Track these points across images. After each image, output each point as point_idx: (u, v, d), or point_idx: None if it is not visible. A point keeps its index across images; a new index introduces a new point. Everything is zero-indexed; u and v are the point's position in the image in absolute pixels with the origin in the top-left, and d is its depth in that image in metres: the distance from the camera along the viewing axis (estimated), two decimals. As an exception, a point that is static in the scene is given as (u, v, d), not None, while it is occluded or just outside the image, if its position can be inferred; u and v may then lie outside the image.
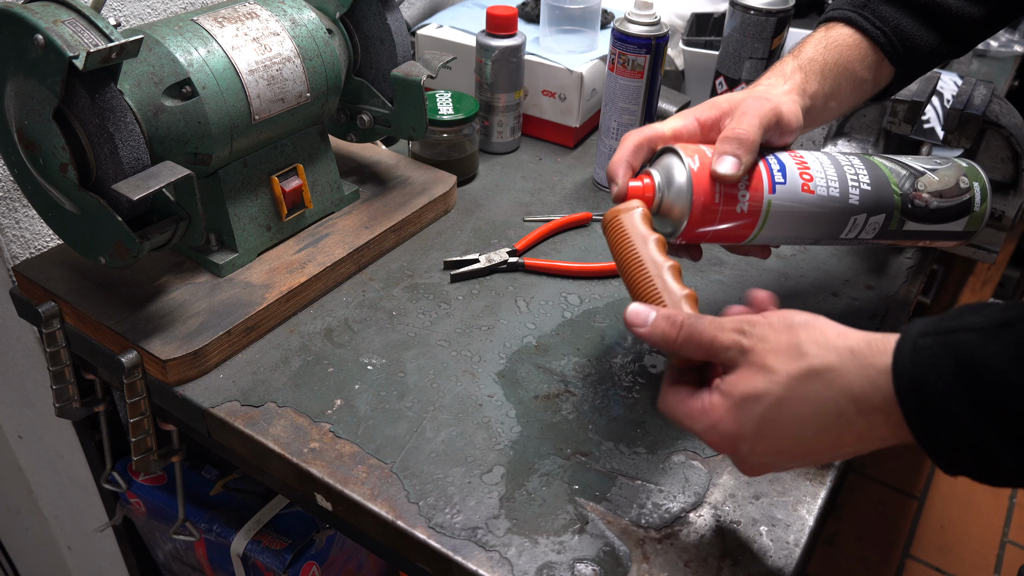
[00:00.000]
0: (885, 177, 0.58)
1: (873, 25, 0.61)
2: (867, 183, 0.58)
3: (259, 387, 0.62)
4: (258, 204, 0.70)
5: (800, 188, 0.56)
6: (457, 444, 0.58)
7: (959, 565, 1.62)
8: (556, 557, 0.51)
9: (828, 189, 0.56)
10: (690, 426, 0.47)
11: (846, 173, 0.57)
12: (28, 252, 0.76)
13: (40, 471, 0.95)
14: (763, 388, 0.43)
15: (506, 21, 0.87)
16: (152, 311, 0.65)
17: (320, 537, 0.82)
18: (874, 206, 0.58)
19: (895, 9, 0.61)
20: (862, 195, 0.57)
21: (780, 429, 0.44)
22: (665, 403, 0.49)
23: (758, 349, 0.44)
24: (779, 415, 0.43)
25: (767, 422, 0.44)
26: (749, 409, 0.44)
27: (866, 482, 1.77)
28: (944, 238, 0.63)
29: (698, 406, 0.47)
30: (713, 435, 0.46)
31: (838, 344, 0.42)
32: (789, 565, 0.51)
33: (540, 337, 0.68)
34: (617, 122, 0.84)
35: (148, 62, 0.59)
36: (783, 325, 0.45)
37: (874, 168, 0.59)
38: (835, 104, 0.61)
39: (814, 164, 0.57)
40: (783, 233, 0.58)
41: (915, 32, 0.61)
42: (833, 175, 0.57)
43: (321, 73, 0.69)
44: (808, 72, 0.59)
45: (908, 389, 0.39)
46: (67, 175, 0.55)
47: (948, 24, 0.62)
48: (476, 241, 0.79)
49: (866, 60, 0.61)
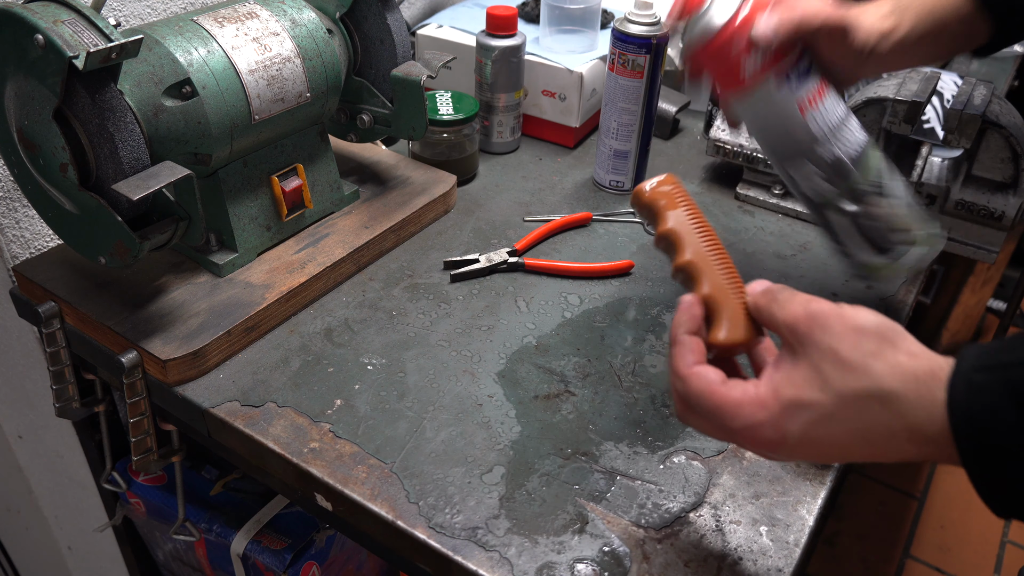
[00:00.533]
0: (865, 165, 0.60)
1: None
2: (846, 152, 0.60)
3: (259, 387, 0.62)
4: (258, 204, 0.70)
5: (796, 104, 0.59)
6: (457, 444, 0.58)
7: (959, 565, 1.62)
8: (556, 557, 0.51)
9: (815, 123, 0.59)
10: (721, 421, 0.43)
11: (842, 131, 0.60)
12: (28, 252, 0.76)
13: (40, 471, 0.95)
14: (815, 399, 0.40)
15: (506, 21, 0.87)
16: (152, 311, 0.65)
17: (320, 537, 0.82)
18: (831, 174, 0.60)
19: None
20: (833, 159, 0.60)
21: (824, 441, 0.41)
22: (690, 386, 0.44)
23: (821, 346, 0.40)
24: (827, 429, 0.40)
25: (813, 433, 0.41)
26: (796, 416, 0.41)
27: (866, 482, 1.77)
28: (847, 256, 0.64)
29: (736, 398, 0.42)
30: (749, 436, 0.42)
31: (906, 368, 0.39)
32: (789, 565, 0.51)
33: (540, 337, 0.68)
34: (617, 122, 0.84)
35: (148, 62, 0.59)
36: (853, 327, 0.40)
37: (866, 155, 0.60)
38: (921, 47, 0.59)
39: (828, 102, 0.60)
40: (752, 119, 0.63)
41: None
42: (832, 120, 0.60)
43: (321, 73, 0.69)
44: (901, 13, 0.58)
45: (965, 428, 0.36)
46: (67, 175, 0.55)
47: None
48: (476, 241, 0.79)
49: (960, 11, 0.58)
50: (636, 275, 0.76)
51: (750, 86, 0.59)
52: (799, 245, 0.81)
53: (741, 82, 0.60)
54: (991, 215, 0.76)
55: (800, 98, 0.59)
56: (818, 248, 0.81)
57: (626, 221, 0.84)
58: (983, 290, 1.94)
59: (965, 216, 0.78)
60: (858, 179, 0.60)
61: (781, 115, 0.60)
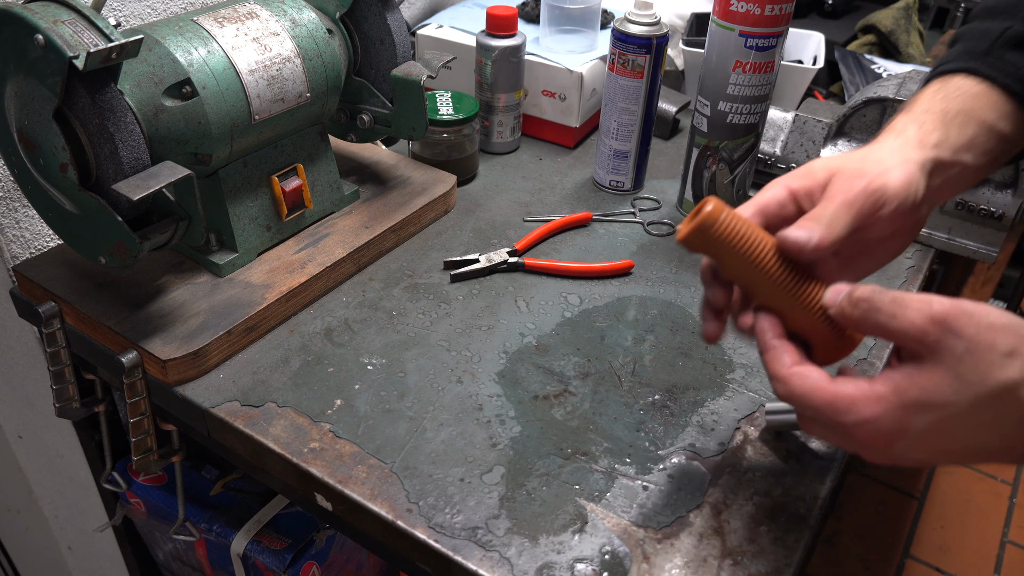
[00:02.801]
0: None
1: (1003, 72, 0.50)
2: None
3: (259, 387, 0.62)
4: (258, 204, 0.70)
5: None
6: (457, 444, 0.58)
7: (959, 565, 1.62)
8: (556, 557, 0.51)
9: None
10: (832, 416, 0.41)
11: None
12: (28, 252, 0.76)
13: (40, 471, 0.95)
14: (948, 399, 0.38)
15: (506, 21, 0.87)
16: (152, 311, 0.65)
17: (320, 537, 0.82)
18: None
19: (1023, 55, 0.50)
20: None
21: (949, 437, 0.39)
22: (793, 387, 0.42)
23: (956, 351, 0.38)
24: (955, 426, 0.39)
25: (938, 430, 0.39)
26: (922, 414, 0.39)
27: (866, 482, 1.77)
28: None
29: (850, 393, 0.41)
30: (865, 430, 0.40)
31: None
32: (789, 565, 0.51)
33: (540, 337, 0.68)
34: (617, 122, 0.84)
35: (148, 62, 0.59)
36: (986, 325, 0.38)
37: None
38: (970, 157, 0.49)
39: None
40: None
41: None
42: None
43: (321, 73, 0.69)
44: (926, 123, 0.49)
45: None
46: (67, 175, 0.55)
47: None
48: (476, 241, 0.79)
49: (999, 109, 0.50)
50: (636, 275, 0.76)
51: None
52: (799, 245, 0.81)
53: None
54: (991, 215, 0.76)
55: None
56: (818, 248, 0.81)
57: (626, 221, 0.84)
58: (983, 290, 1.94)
59: (965, 216, 0.78)
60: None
61: None
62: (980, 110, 0.49)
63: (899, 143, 0.48)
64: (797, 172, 0.49)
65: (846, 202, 0.45)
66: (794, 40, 1.07)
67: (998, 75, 0.50)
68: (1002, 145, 0.50)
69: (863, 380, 0.41)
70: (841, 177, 0.47)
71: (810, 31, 1.06)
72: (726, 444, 0.59)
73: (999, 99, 0.50)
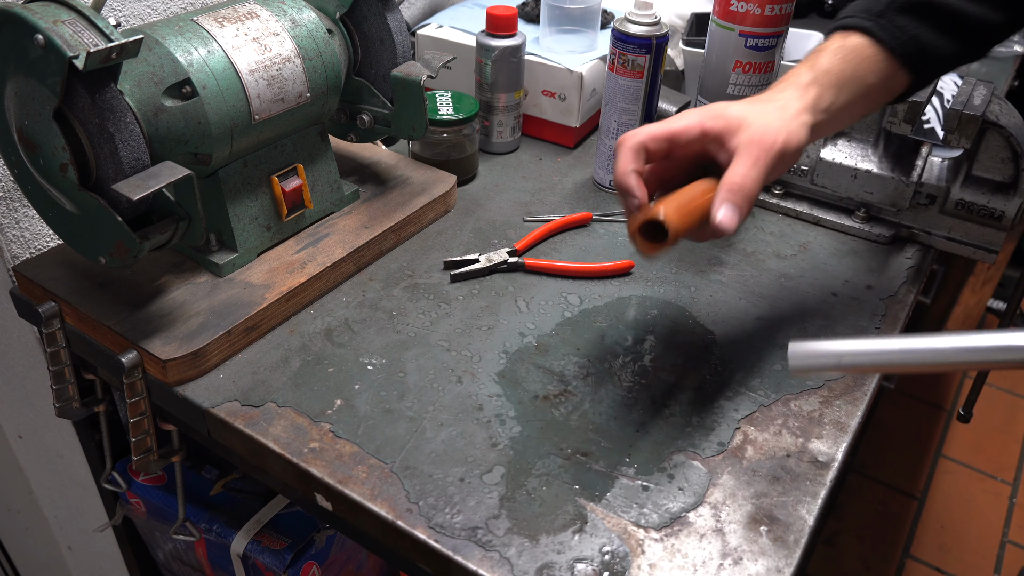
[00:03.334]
0: None
1: (891, 35, 0.59)
2: None
3: (259, 387, 0.62)
4: (258, 204, 0.70)
5: None
6: (457, 444, 0.58)
7: (959, 565, 1.62)
8: (556, 557, 0.51)
9: None
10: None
11: None
12: (28, 252, 0.76)
13: (40, 471, 0.95)
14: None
15: (506, 21, 0.87)
16: (152, 311, 0.65)
17: (320, 537, 0.82)
18: None
19: (913, 19, 0.60)
20: None
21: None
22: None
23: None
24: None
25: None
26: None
27: (866, 482, 1.77)
28: None
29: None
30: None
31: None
32: (789, 565, 0.51)
33: (540, 337, 0.68)
34: (617, 122, 0.84)
35: (148, 62, 0.59)
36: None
37: None
38: (846, 116, 0.61)
39: None
40: None
41: (933, 41, 0.60)
42: None
43: (321, 73, 0.69)
44: (824, 85, 0.58)
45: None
46: (67, 175, 0.55)
47: (967, 32, 0.61)
48: (476, 241, 0.79)
49: (882, 72, 0.60)
50: (636, 275, 0.76)
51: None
52: (799, 245, 0.81)
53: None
54: (991, 215, 0.76)
55: None
56: (818, 248, 0.81)
57: (626, 221, 0.84)
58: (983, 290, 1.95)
59: (965, 216, 0.78)
60: None
61: None
62: (867, 75, 0.59)
63: (801, 105, 0.57)
64: (710, 112, 0.56)
65: (758, 163, 0.54)
66: (794, 40, 1.07)
67: (887, 38, 0.59)
68: (872, 107, 0.63)
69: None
70: (750, 132, 0.54)
71: (810, 31, 1.06)
72: (726, 444, 0.59)
73: (884, 61, 0.60)
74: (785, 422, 0.61)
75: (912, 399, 1.99)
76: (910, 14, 0.60)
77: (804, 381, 0.65)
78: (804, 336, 0.69)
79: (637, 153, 0.56)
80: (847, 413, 0.62)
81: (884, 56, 0.60)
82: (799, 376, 0.61)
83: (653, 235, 0.53)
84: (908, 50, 0.60)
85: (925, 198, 0.79)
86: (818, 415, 0.62)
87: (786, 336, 0.69)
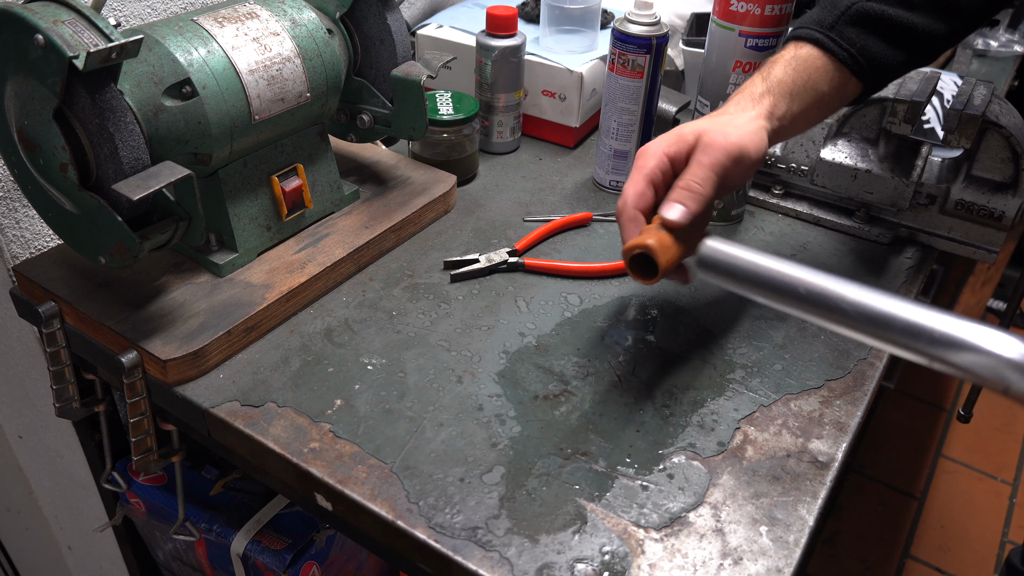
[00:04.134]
0: None
1: (840, 47, 0.62)
2: None
3: (259, 387, 0.62)
4: (258, 204, 0.70)
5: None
6: (457, 444, 0.58)
7: (959, 565, 1.62)
8: (556, 557, 0.51)
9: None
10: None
11: None
12: (28, 252, 0.76)
13: (40, 471, 0.95)
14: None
15: (506, 21, 0.87)
16: (152, 311, 0.65)
17: (320, 537, 0.82)
18: None
19: (861, 31, 0.63)
20: None
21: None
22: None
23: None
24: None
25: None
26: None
27: (866, 482, 1.77)
28: None
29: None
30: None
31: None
32: (789, 565, 0.51)
33: (540, 337, 0.68)
34: (617, 122, 0.84)
35: (148, 62, 0.59)
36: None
37: None
38: (802, 122, 0.64)
39: None
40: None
41: (881, 52, 0.63)
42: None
43: (321, 73, 0.69)
44: (777, 95, 0.61)
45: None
46: (67, 175, 0.55)
47: (914, 42, 0.64)
48: (476, 241, 0.79)
49: (834, 81, 0.63)
50: (636, 275, 0.76)
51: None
52: (799, 245, 0.81)
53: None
54: (991, 215, 0.76)
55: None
56: (818, 248, 0.81)
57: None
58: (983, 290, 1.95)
59: (965, 216, 0.78)
60: None
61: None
62: (819, 84, 0.62)
63: (755, 113, 0.60)
64: (669, 138, 0.58)
65: (713, 165, 0.56)
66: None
67: (837, 50, 0.62)
68: (828, 112, 0.65)
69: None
70: (705, 139, 0.57)
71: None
72: (726, 444, 0.59)
73: (836, 71, 0.63)
74: (785, 422, 0.61)
75: (912, 399, 1.99)
76: (859, 26, 0.63)
77: (804, 381, 0.65)
78: (804, 336, 0.69)
79: (636, 220, 0.57)
80: (847, 413, 0.62)
81: (835, 67, 0.63)
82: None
83: (644, 268, 0.55)
84: (858, 61, 0.63)
85: (925, 198, 0.79)
86: (818, 415, 0.62)
87: (786, 336, 0.69)
